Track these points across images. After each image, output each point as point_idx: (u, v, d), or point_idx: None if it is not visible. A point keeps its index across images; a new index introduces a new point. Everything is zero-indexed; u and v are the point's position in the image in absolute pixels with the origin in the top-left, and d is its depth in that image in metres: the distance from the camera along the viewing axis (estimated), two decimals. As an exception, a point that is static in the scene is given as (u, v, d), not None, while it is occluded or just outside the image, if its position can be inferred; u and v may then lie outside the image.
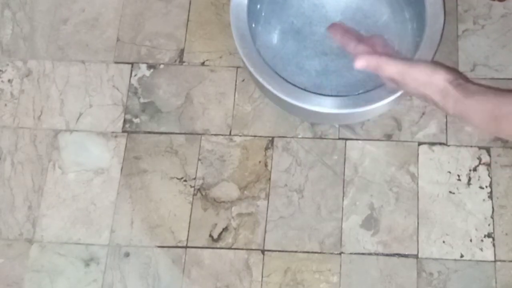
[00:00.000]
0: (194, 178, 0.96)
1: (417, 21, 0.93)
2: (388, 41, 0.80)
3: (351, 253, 0.91)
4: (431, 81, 0.68)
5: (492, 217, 0.92)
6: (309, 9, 1.00)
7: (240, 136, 0.98)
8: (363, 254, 0.91)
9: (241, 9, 0.87)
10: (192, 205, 0.95)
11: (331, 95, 0.87)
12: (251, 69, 0.85)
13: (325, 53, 0.97)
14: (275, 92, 0.85)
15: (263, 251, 0.92)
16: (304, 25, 0.99)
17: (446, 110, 0.69)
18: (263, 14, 0.98)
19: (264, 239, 0.93)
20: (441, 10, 0.87)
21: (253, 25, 0.91)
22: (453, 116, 0.72)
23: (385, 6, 0.98)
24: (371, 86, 0.89)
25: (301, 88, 0.86)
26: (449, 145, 0.96)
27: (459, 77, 0.70)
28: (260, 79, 0.85)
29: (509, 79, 0.98)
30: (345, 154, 0.96)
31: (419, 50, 0.85)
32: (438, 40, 0.86)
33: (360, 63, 0.73)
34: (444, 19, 0.87)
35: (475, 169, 0.94)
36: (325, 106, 0.84)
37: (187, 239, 0.93)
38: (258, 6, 0.96)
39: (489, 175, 0.94)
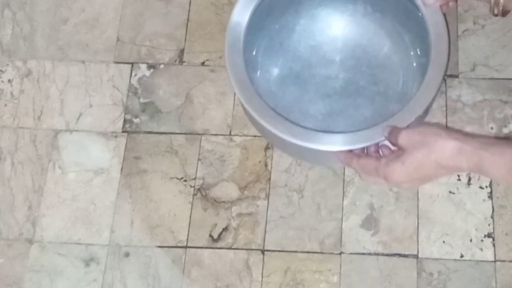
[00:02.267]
0: (194, 178, 0.96)
1: (420, 46, 0.90)
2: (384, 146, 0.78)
3: (351, 253, 0.91)
4: (445, 159, 0.68)
5: (492, 217, 0.92)
6: (306, 51, 0.96)
7: (240, 136, 0.98)
8: (363, 254, 0.91)
9: (237, 56, 0.83)
10: (192, 205, 0.95)
11: (346, 131, 0.81)
12: (255, 115, 0.80)
13: (328, 95, 0.94)
14: (284, 136, 0.79)
15: (263, 251, 0.92)
16: (303, 69, 0.96)
17: (459, 167, 0.68)
18: (259, 60, 0.94)
19: (264, 239, 0.93)
20: (445, 30, 0.84)
21: (251, 72, 0.87)
22: (466, 172, 0.70)
23: (384, 37, 0.95)
24: (381, 122, 0.85)
25: (311, 129, 0.81)
26: (449, 145, 0.96)
27: (465, 133, 0.69)
28: (268, 126, 0.79)
29: (509, 79, 0.98)
30: (345, 154, 0.96)
31: (427, 74, 0.81)
32: (445, 61, 0.83)
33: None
34: (449, 38, 0.84)
35: (475, 169, 0.94)
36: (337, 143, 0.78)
37: (187, 239, 0.93)
38: (254, 53, 0.92)
39: (489, 175, 0.94)
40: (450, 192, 0.93)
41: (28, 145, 0.99)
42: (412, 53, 0.93)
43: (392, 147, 0.76)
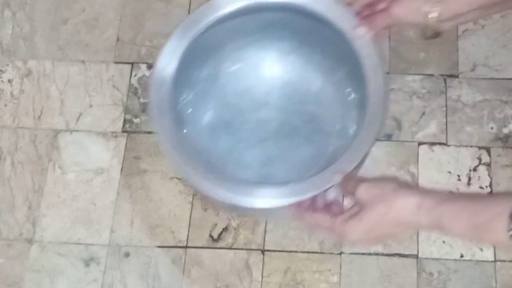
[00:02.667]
0: (194, 178, 0.96)
1: (354, 78, 0.85)
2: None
3: (351, 253, 0.91)
4: (404, 216, 0.66)
5: (492, 217, 0.92)
6: (235, 97, 0.90)
7: (240, 136, 0.98)
8: (363, 254, 0.91)
9: (165, 115, 0.76)
10: (192, 205, 0.95)
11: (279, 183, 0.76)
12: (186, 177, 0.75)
13: (263, 140, 0.89)
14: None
15: (263, 251, 0.92)
16: (234, 116, 0.90)
17: (418, 223, 0.66)
18: (187, 114, 0.88)
19: (264, 239, 0.93)
20: (379, 61, 0.79)
21: (180, 128, 0.82)
22: (426, 229, 0.69)
23: (314, 72, 0.91)
24: (323, 162, 0.84)
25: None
26: (449, 145, 0.96)
27: (425, 189, 0.68)
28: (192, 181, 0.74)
29: (509, 79, 0.98)
30: (345, 154, 0.96)
31: (368, 111, 0.76)
32: (384, 93, 0.77)
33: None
34: (383, 69, 0.78)
35: (475, 169, 0.94)
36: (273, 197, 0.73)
37: (187, 239, 0.93)
38: (181, 106, 0.86)
39: (489, 175, 0.94)
40: (450, 192, 0.93)
41: (28, 145, 0.99)
42: (346, 85, 0.89)
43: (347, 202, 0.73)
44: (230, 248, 0.92)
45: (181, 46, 0.80)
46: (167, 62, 0.79)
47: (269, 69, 0.92)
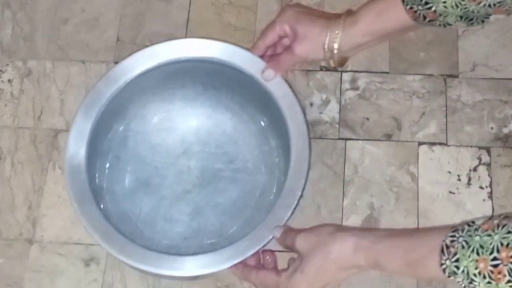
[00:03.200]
0: (194, 178, 0.96)
1: (266, 113, 0.85)
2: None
3: (351, 253, 0.91)
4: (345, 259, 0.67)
5: (492, 217, 0.92)
6: (148, 155, 0.90)
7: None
8: (363, 254, 0.91)
9: (82, 189, 0.78)
10: (192, 205, 0.95)
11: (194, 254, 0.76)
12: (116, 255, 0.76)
13: (186, 191, 0.89)
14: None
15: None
16: (150, 175, 0.90)
17: (357, 265, 0.67)
18: (104, 186, 0.88)
19: (264, 239, 0.92)
20: (295, 99, 0.80)
21: (100, 203, 0.82)
22: (365, 270, 0.69)
23: (225, 112, 0.91)
24: (253, 200, 0.85)
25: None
26: (449, 145, 0.96)
27: (362, 229, 0.69)
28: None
29: (509, 79, 0.98)
30: (345, 154, 0.96)
31: (292, 154, 0.77)
32: (306, 132, 0.79)
33: None
34: (301, 105, 0.80)
35: (475, 169, 0.94)
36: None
37: (187, 239, 0.93)
38: (97, 181, 0.86)
39: (489, 175, 0.94)
40: (450, 192, 0.93)
41: (28, 145, 0.99)
42: (261, 119, 0.89)
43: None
44: (230, 248, 0.92)
45: (86, 126, 0.80)
46: (76, 147, 0.80)
47: (178, 119, 0.92)
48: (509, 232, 0.57)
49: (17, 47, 1.05)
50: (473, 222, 0.61)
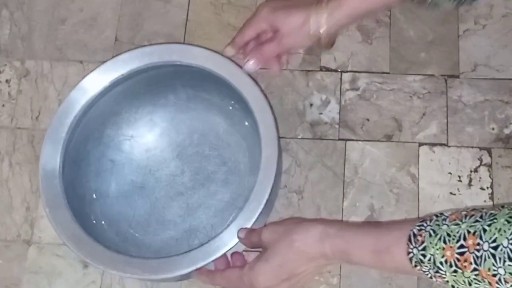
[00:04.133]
0: (193, 179, 0.96)
1: (248, 115, 0.85)
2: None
3: (351, 255, 0.91)
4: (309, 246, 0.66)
5: (493, 218, 0.91)
6: (142, 158, 0.92)
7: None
8: (363, 255, 0.90)
9: (54, 194, 0.79)
10: (191, 206, 0.94)
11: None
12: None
13: (179, 193, 0.91)
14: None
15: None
16: (145, 177, 0.92)
17: (323, 253, 0.66)
18: (98, 189, 0.89)
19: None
20: (262, 96, 0.81)
21: (81, 208, 0.84)
22: (332, 262, 0.69)
23: (217, 114, 0.93)
24: (241, 204, 0.85)
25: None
26: (450, 146, 0.95)
27: (328, 220, 0.68)
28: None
29: (510, 79, 0.98)
30: (345, 155, 0.95)
31: (262, 161, 0.77)
32: (274, 128, 0.79)
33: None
34: (270, 106, 0.80)
35: (476, 170, 0.94)
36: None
37: (186, 241, 0.93)
38: (91, 185, 0.88)
39: (490, 176, 0.93)
40: (451, 193, 0.93)
41: (26, 146, 0.98)
42: (246, 122, 0.90)
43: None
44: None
45: (61, 132, 0.82)
46: (50, 153, 0.81)
47: (171, 123, 0.93)
48: (476, 221, 0.57)
49: (14, 47, 1.05)
50: (441, 213, 0.61)
